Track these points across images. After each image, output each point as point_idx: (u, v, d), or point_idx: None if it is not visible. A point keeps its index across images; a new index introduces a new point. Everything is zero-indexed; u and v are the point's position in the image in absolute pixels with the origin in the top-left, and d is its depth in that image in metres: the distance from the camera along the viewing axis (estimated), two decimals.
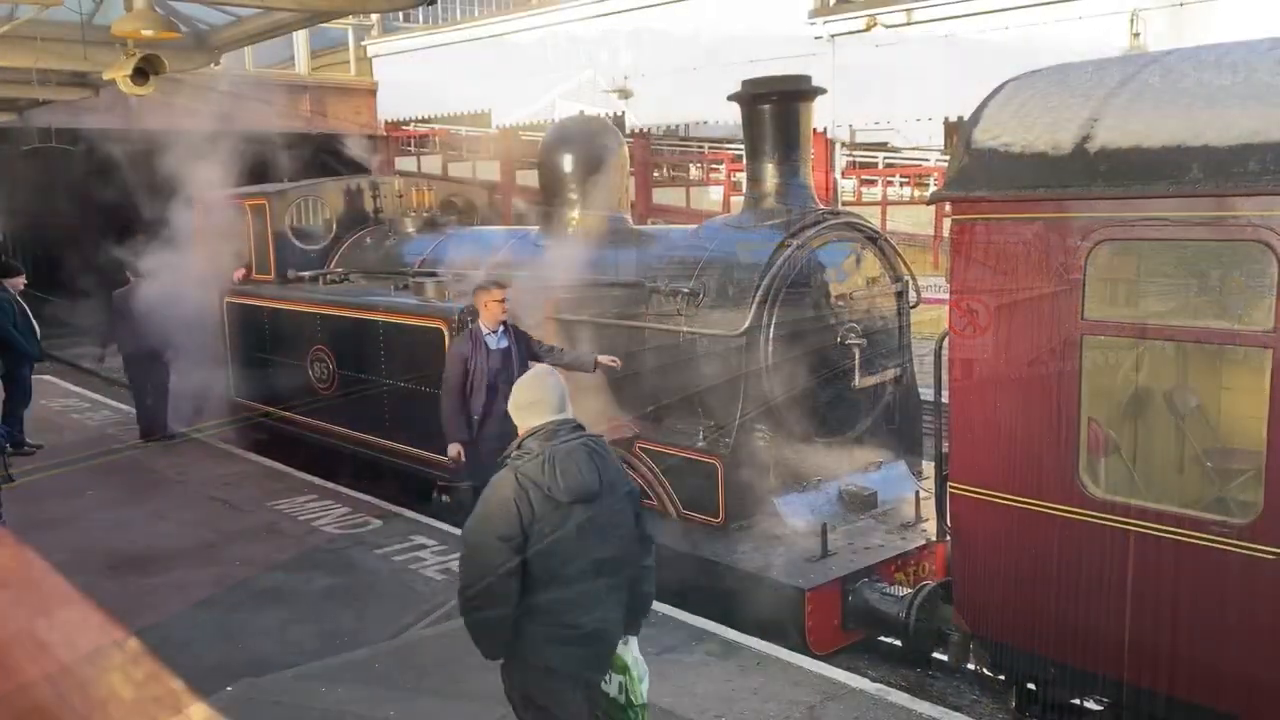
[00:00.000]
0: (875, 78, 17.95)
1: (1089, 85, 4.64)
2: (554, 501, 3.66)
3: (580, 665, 3.83)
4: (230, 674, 5.88)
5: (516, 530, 3.64)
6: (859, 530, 7.04)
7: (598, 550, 3.75)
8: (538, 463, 3.71)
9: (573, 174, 8.79)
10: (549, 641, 3.75)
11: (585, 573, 3.73)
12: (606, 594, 3.82)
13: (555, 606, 3.71)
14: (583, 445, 3.83)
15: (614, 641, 3.95)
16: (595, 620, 3.78)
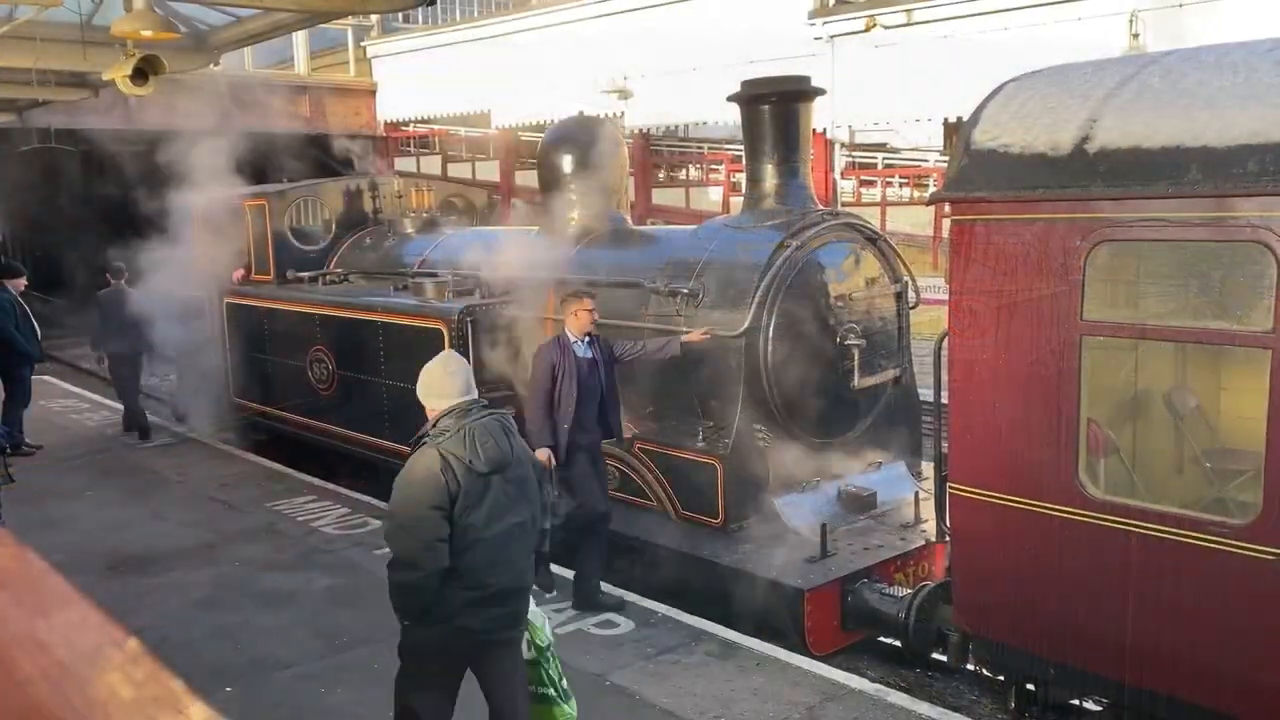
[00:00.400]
0: (874, 78, 17.97)
1: (1088, 86, 4.65)
2: (475, 472, 4.01)
3: (495, 624, 4.14)
4: (230, 674, 5.89)
5: (445, 500, 3.97)
6: (858, 531, 7.04)
7: (513, 515, 4.13)
8: (458, 438, 4.05)
9: (572, 174, 8.80)
10: (466, 604, 4.04)
11: (501, 536, 4.08)
12: (518, 555, 4.18)
13: (474, 568, 4.03)
14: (495, 420, 4.19)
15: (526, 599, 4.29)
16: (510, 579, 4.13)
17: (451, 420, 4.12)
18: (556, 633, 6.22)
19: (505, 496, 4.10)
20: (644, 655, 5.99)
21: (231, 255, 11.48)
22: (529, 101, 23.39)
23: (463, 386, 4.24)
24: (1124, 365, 5.34)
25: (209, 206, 11.82)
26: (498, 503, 4.07)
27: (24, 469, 10.27)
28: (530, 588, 4.33)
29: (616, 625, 6.40)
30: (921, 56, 17.33)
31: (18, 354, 11.03)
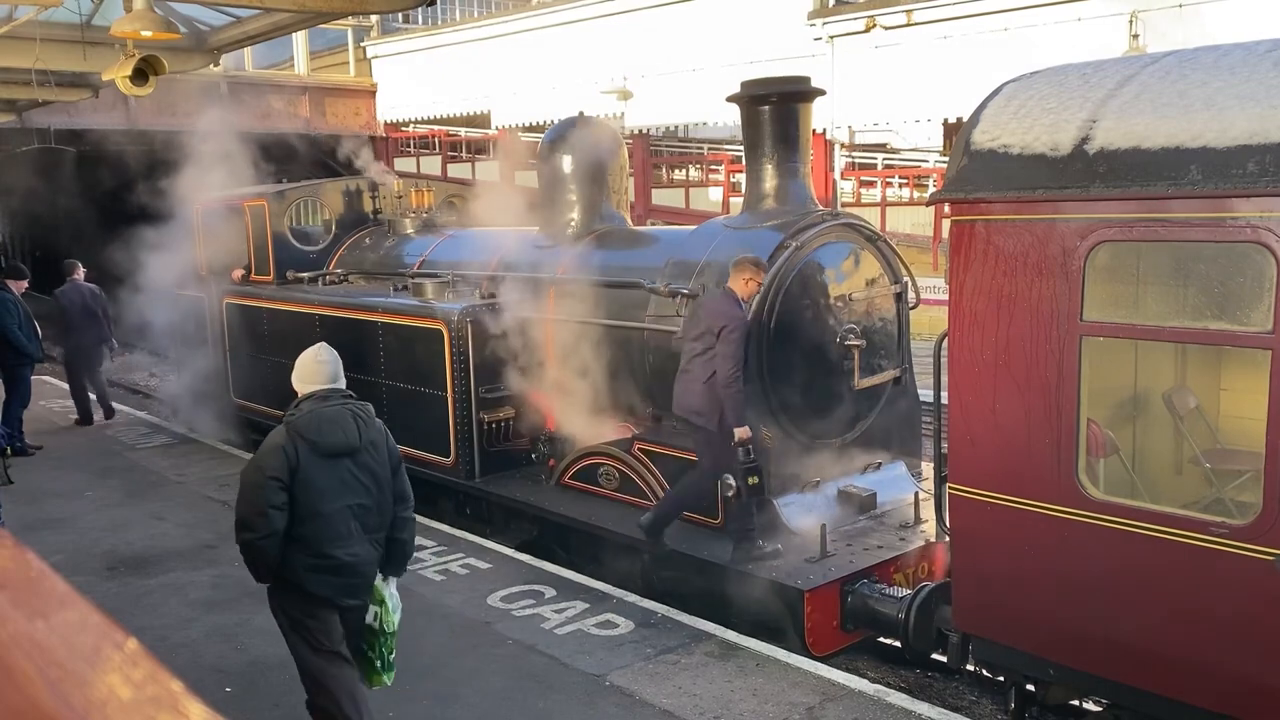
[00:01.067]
0: (874, 79, 17.98)
1: (1088, 87, 4.65)
2: (318, 452, 4.42)
3: (334, 591, 4.55)
4: (229, 675, 5.89)
5: (284, 472, 4.37)
6: (858, 531, 7.04)
7: (353, 497, 4.50)
8: (309, 419, 4.47)
9: (572, 175, 8.80)
10: (308, 570, 4.48)
11: (340, 513, 4.47)
12: (360, 533, 4.54)
13: (313, 538, 4.43)
14: (347, 409, 4.56)
15: (365, 574, 4.65)
16: (347, 554, 4.50)
17: (310, 404, 4.54)
18: (557, 632, 6.25)
19: (349, 479, 4.49)
20: (643, 655, 5.99)
21: (231, 255, 11.49)
22: (529, 102, 23.41)
23: (328, 376, 4.65)
24: (1124, 366, 5.34)
25: (208, 206, 11.83)
26: (341, 483, 4.47)
27: (23, 469, 10.28)
28: (373, 565, 4.66)
29: (616, 625, 6.40)
30: (921, 57, 17.35)
31: (19, 354, 11.05)
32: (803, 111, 7.50)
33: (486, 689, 5.62)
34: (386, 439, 4.71)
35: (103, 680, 0.70)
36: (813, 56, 18.11)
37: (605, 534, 7.46)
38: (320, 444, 4.42)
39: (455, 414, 8.51)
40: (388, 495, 4.66)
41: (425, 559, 7.64)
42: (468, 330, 8.41)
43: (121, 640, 0.75)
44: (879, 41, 17.86)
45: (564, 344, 8.27)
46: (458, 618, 6.59)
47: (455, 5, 32.11)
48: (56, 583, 0.81)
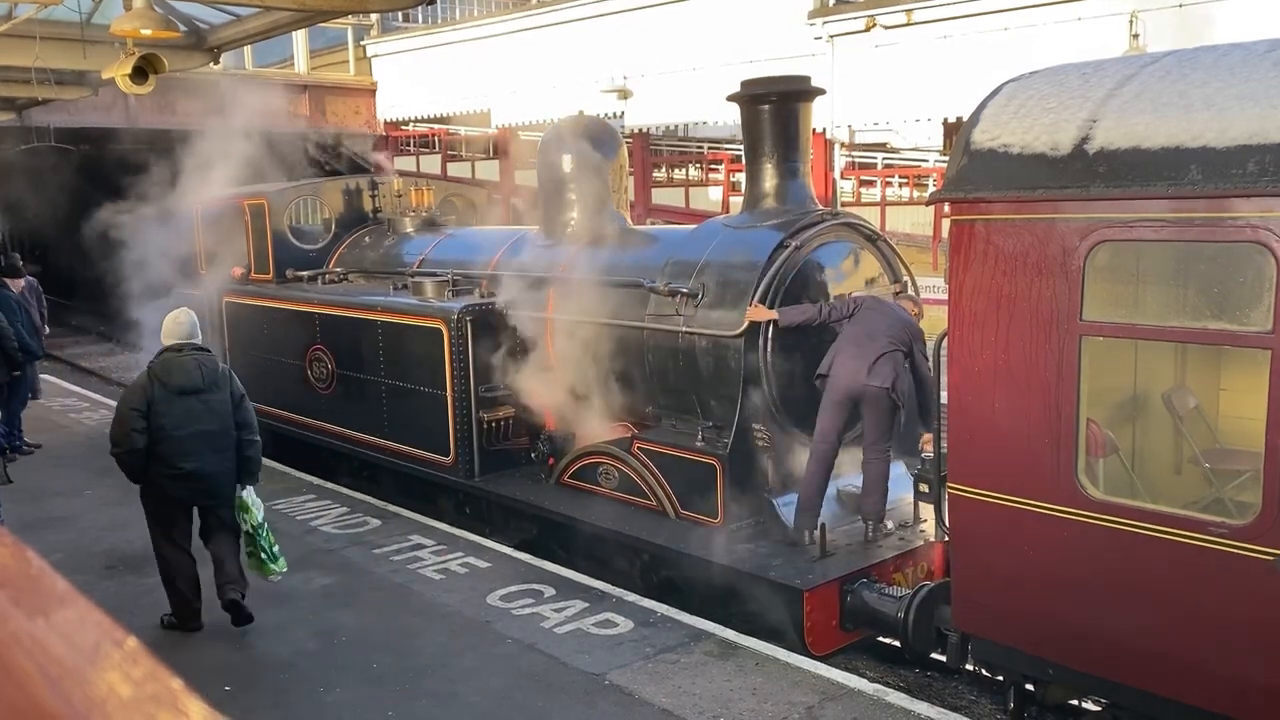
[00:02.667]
0: (874, 78, 17.97)
1: (1087, 86, 4.65)
2: (168, 390, 6.04)
3: (186, 494, 6.23)
4: (228, 673, 5.89)
5: (143, 404, 6.01)
6: (857, 530, 7.04)
7: (200, 424, 6.09)
8: (161, 365, 6.10)
9: (571, 174, 8.80)
10: (164, 478, 6.12)
11: (189, 436, 6.06)
12: (208, 452, 6.12)
13: (168, 455, 6.05)
14: (194, 359, 6.16)
15: (213, 482, 6.23)
16: (193, 466, 6.09)
17: (167, 354, 6.15)
18: (556, 631, 6.25)
19: (197, 410, 6.08)
20: (643, 655, 6.00)
21: (230, 254, 11.49)
22: (529, 101, 23.40)
23: (184, 333, 6.21)
24: (1123, 365, 5.34)
25: (208, 205, 11.83)
26: (189, 413, 6.05)
27: (23, 468, 10.27)
28: (223, 476, 6.25)
29: (615, 625, 6.41)
30: (921, 56, 17.34)
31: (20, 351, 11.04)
32: (802, 111, 7.50)
33: (486, 688, 5.63)
34: (230, 382, 6.29)
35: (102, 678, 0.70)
36: (812, 56, 18.10)
37: (605, 533, 7.47)
38: (169, 384, 6.04)
39: (455, 413, 8.51)
40: (230, 424, 6.23)
41: (424, 558, 7.65)
42: (467, 329, 8.41)
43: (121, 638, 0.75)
44: (879, 41, 17.84)
45: (564, 343, 8.27)
46: (457, 617, 6.59)
47: (455, 4, 32.08)
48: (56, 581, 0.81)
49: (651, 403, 7.79)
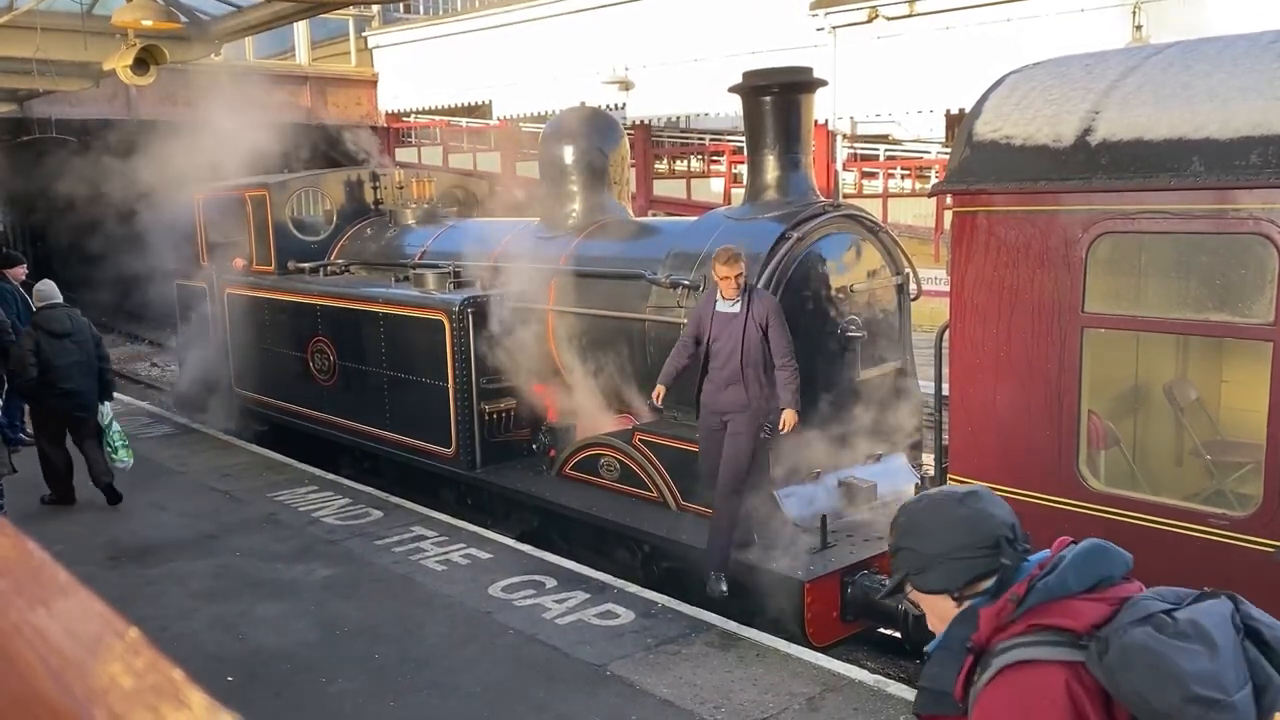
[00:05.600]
0: (876, 70, 17.94)
1: (1090, 78, 4.64)
2: (49, 334, 8.52)
3: (66, 407, 8.65)
4: (230, 664, 5.91)
5: (33, 345, 8.44)
6: (859, 522, 7.04)
7: (71, 357, 8.59)
8: (42, 316, 8.65)
9: (573, 166, 8.79)
10: (50, 396, 8.59)
11: (66, 366, 8.54)
12: (80, 376, 8.65)
13: (52, 379, 8.50)
14: (64, 311, 8.73)
15: (84, 399, 8.69)
16: (71, 387, 8.59)
17: (45, 309, 8.70)
18: (558, 622, 6.27)
19: (69, 348, 8.58)
20: (644, 646, 6.01)
21: (232, 245, 11.49)
22: (530, 92, 23.37)
23: (52, 295, 8.85)
24: (1125, 358, 5.34)
25: (210, 196, 11.83)
26: (63, 350, 8.55)
27: (26, 458, 10.27)
28: (90, 393, 8.73)
29: (617, 615, 6.42)
30: (923, 48, 17.31)
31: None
32: (805, 102, 7.48)
33: (487, 679, 5.64)
34: (89, 328, 8.91)
35: (104, 669, 0.70)
36: (815, 47, 18.08)
37: (606, 524, 7.47)
38: (50, 330, 8.55)
39: (456, 404, 8.52)
40: (93, 357, 8.80)
41: (426, 549, 7.66)
42: (469, 321, 8.41)
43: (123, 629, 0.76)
44: (881, 32, 17.82)
45: (565, 335, 8.28)
46: (459, 608, 6.60)
47: None
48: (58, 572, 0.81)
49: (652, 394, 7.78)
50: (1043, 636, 1.88)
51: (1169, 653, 1.75)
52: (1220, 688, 1.72)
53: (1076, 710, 1.80)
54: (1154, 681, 1.74)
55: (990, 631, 1.93)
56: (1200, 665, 1.73)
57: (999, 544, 2.05)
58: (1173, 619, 1.81)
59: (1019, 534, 2.09)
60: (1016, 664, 1.87)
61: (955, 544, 2.07)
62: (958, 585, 2.06)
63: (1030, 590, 1.92)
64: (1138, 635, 1.78)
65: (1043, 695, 1.83)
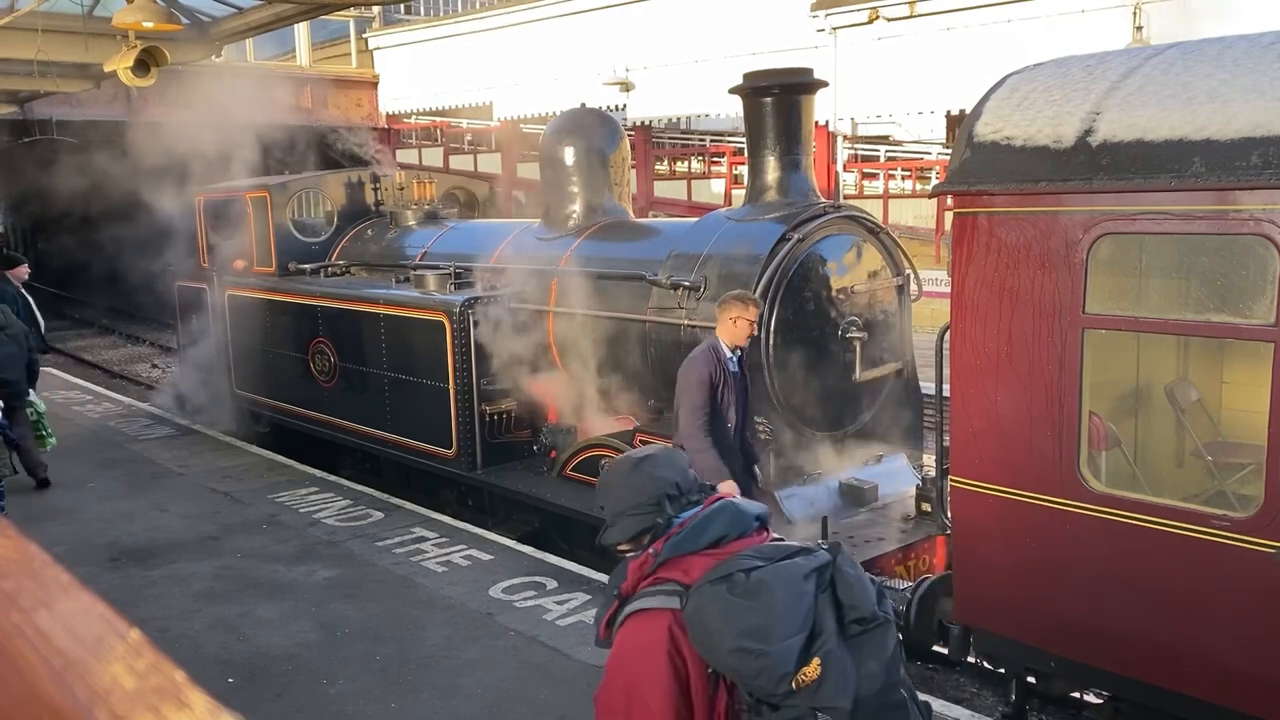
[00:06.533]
0: (877, 71, 17.94)
1: (1091, 79, 4.64)
2: None
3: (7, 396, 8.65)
4: (231, 666, 5.91)
5: None
6: (859, 524, 7.04)
7: (6, 348, 8.88)
8: None
9: (574, 167, 8.79)
10: None
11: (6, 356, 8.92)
12: (12, 367, 8.95)
13: None
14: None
15: (17, 386, 9.01)
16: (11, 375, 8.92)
17: None
18: (559, 624, 6.27)
19: (5, 340, 8.87)
20: None
21: (233, 247, 11.50)
22: (531, 94, 23.37)
23: None
24: (1126, 359, 5.34)
25: (210, 198, 11.83)
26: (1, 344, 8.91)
27: None
28: (21, 382, 9.10)
29: None
30: (924, 49, 17.32)
31: None
32: (805, 103, 7.49)
33: (488, 680, 5.64)
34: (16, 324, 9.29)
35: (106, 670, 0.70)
36: (815, 48, 18.09)
37: None
38: None
39: (457, 406, 8.52)
40: (24, 348, 9.18)
41: (427, 550, 7.66)
42: (469, 322, 8.41)
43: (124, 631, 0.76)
44: (882, 33, 17.82)
45: (565, 336, 8.28)
46: (460, 609, 6.60)
47: None
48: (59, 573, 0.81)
49: (653, 395, 7.79)
50: (663, 589, 2.19)
51: (725, 608, 2.06)
52: (763, 639, 2.01)
53: (675, 650, 2.12)
54: (707, 635, 2.07)
55: (634, 582, 2.25)
56: (750, 621, 2.03)
57: (661, 502, 2.33)
58: (747, 576, 2.09)
59: (685, 489, 2.36)
60: (638, 612, 2.20)
61: (628, 503, 2.36)
62: (629, 538, 2.35)
63: (665, 547, 2.23)
64: (704, 594, 2.09)
65: (649, 638, 2.15)
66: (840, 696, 2.05)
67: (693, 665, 2.14)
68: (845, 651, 2.10)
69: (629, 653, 2.19)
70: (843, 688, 2.06)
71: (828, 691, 2.05)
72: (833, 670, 2.06)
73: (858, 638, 2.12)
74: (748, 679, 2.07)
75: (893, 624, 2.18)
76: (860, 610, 2.13)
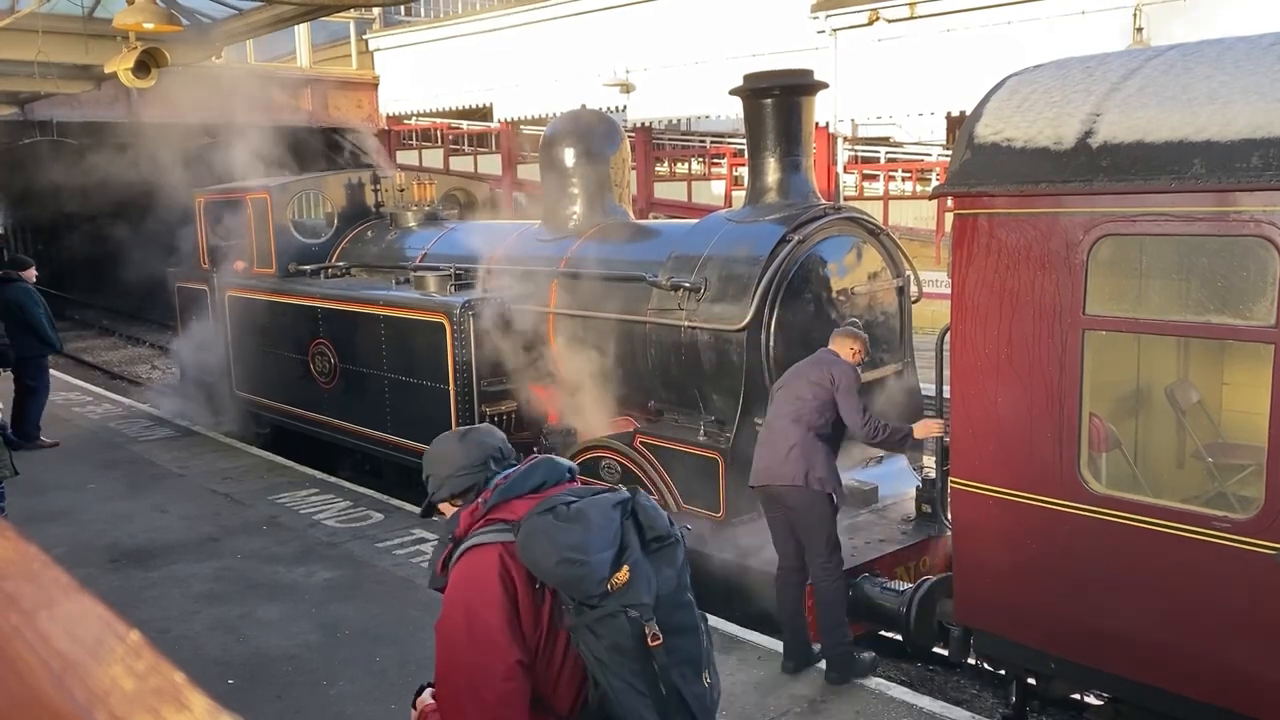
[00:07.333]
0: (877, 72, 17.94)
1: (1091, 80, 4.64)
2: None
3: None
4: (231, 667, 5.91)
5: None
6: (860, 525, 7.04)
7: None
8: None
9: (574, 168, 8.79)
10: None
11: None
12: None
13: None
14: None
15: None
16: None
17: None
18: None
19: None
20: None
21: (233, 248, 11.50)
22: (531, 95, 23.37)
23: None
24: (1126, 360, 5.34)
25: (210, 199, 11.83)
26: None
27: (27, 461, 10.28)
28: None
29: None
30: (924, 50, 17.32)
31: (42, 344, 11.15)
32: (805, 104, 7.49)
33: None
34: None
35: (106, 672, 0.70)
36: (815, 49, 18.08)
37: None
38: None
39: (457, 407, 8.52)
40: None
41: (427, 551, 7.65)
42: (470, 323, 8.41)
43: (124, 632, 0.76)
44: (882, 34, 17.83)
45: (566, 337, 8.27)
46: None
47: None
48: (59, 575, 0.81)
49: (654, 397, 7.78)
50: (494, 527, 2.62)
51: (551, 531, 2.51)
52: (584, 552, 2.47)
53: (505, 575, 2.54)
54: (537, 553, 2.50)
55: (466, 526, 2.67)
56: (573, 539, 2.48)
57: (487, 463, 2.82)
58: (567, 508, 2.56)
59: (506, 454, 2.89)
60: (472, 547, 2.62)
61: (458, 465, 2.83)
62: (457, 493, 2.82)
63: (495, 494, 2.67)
64: (534, 521, 2.54)
65: (483, 566, 2.57)
66: (645, 594, 2.53)
67: (521, 585, 2.56)
68: (647, 561, 2.58)
69: (467, 581, 2.59)
70: (646, 589, 2.54)
71: (635, 591, 2.51)
72: (639, 575, 2.54)
73: (656, 552, 2.61)
74: (571, 585, 2.49)
75: (682, 542, 2.70)
76: (657, 530, 2.62)
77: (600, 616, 2.50)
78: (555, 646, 2.61)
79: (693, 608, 2.69)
